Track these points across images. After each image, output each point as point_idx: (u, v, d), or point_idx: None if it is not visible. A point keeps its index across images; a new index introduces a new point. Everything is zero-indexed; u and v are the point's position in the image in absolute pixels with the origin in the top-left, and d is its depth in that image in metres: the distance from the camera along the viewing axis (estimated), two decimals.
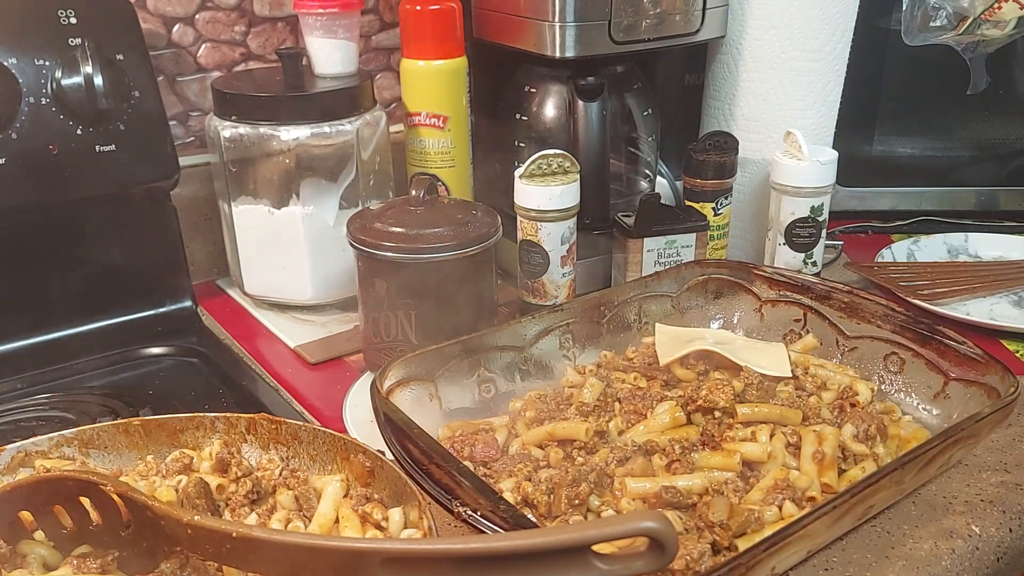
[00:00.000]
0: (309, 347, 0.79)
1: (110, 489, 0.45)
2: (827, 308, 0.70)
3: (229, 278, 0.91)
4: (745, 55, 0.87)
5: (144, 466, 0.55)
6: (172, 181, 0.81)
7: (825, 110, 0.88)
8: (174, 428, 0.56)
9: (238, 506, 0.52)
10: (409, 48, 0.85)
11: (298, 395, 0.72)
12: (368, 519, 0.50)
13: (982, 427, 0.54)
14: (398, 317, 0.70)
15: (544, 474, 0.55)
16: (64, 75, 0.72)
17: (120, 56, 0.75)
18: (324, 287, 0.85)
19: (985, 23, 0.83)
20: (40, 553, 0.48)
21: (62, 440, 0.55)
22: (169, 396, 0.72)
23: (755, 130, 0.89)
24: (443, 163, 0.88)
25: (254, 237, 0.84)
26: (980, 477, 0.60)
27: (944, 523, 0.56)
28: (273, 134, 0.79)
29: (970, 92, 0.90)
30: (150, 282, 0.83)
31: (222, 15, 0.90)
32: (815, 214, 0.83)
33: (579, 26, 0.78)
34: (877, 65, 0.97)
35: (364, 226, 0.71)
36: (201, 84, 0.90)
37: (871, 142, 1.02)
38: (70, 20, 0.73)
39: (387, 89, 1.01)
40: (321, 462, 0.55)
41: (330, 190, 0.83)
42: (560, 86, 0.85)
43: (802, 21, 0.84)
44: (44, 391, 0.72)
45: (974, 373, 0.60)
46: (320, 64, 0.84)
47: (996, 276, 0.88)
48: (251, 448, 0.57)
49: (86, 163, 0.74)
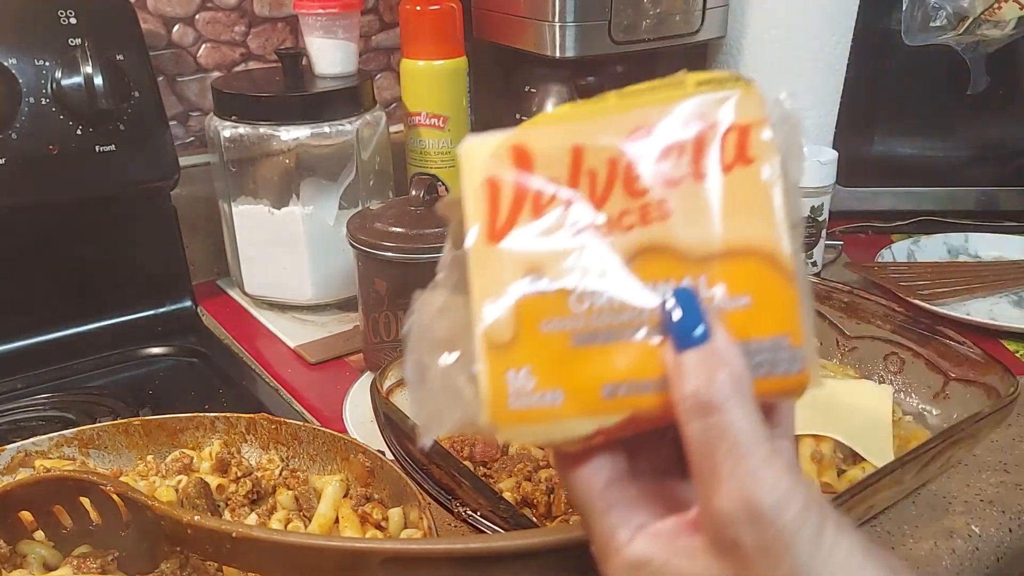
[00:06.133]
0: (309, 347, 0.79)
1: (110, 489, 0.45)
2: (827, 308, 0.70)
3: (229, 278, 0.91)
4: (745, 55, 0.87)
5: (144, 466, 0.55)
6: (172, 181, 0.81)
7: (825, 110, 0.88)
8: (174, 428, 0.56)
9: (238, 506, 0.52)
10: (409, 48, 0.85)
11: (298, 395, 0.72)
12: (368, 519, 0.50)
13: (982, 427, 0.54)
14: (398, 317, 0.70)
15: (544, 474, 0.55)
16: (64, 75, 0.72)
17: (120, 56, 0.75)
18: (324, 287, 0.85)
19: (985, 23, 0.83)
20: (40, 553, 0.48)
21: (62, 440, 0.55)
22: (169, 396, 0.71)
23: None
24: (443, 163, 0.88)
25: (254, 237, 0.84)
26: (980, 477, 0.60)
27: (944, 523, 0.55)
28: (273, 134, 0.79)
29: (970, 92, 0.89)
30: (150, 282, 0.83)
31: (222, 15, 0.90)
32: (815, 214, 0.83)
33: (579, 26, 0.78)
34: (877, 65, 0.96)
35: (364, 226, 0.71)
36: (201, 84, 0.90)
37: (871, 142, 1.01)
38: (70, 20, 0.73)
39: (387, 89, 1.01)
40: (321, 462, 0.55)
41: (330, 190, 0.82)
42: (560, 86, 0.85)
43: (802, 21, 0.84)
44: (44, 391, 0.72)
45: (974, 373, 0.60)
46: (320, 64, 0.84)
47: (996, 276, 0.88)
48: (251, 448, 0.57)
49: (86, 163, 0.74)
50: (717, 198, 0.30)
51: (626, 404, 0.29)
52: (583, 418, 0.29)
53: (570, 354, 0.29)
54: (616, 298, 0.29)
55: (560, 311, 0.29)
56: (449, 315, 0.31)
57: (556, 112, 0.31)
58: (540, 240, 0.30)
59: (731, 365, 0.28)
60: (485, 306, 0.29)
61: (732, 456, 0.27)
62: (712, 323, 0.29)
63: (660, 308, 0.29)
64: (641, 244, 0.30)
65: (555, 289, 0.29)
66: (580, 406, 0.29)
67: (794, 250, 0.30)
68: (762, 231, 0.29)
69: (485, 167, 0.31)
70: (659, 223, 0.30)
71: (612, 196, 0.30)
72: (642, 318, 0.29)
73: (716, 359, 0.28)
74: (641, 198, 0.30)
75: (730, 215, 0.30)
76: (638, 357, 0.29)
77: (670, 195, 0.30)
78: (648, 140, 0.30)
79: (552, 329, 0.29)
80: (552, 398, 0.29)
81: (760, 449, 0.27)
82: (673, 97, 0.31)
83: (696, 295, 0.29)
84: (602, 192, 0.30)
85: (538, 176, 0.30)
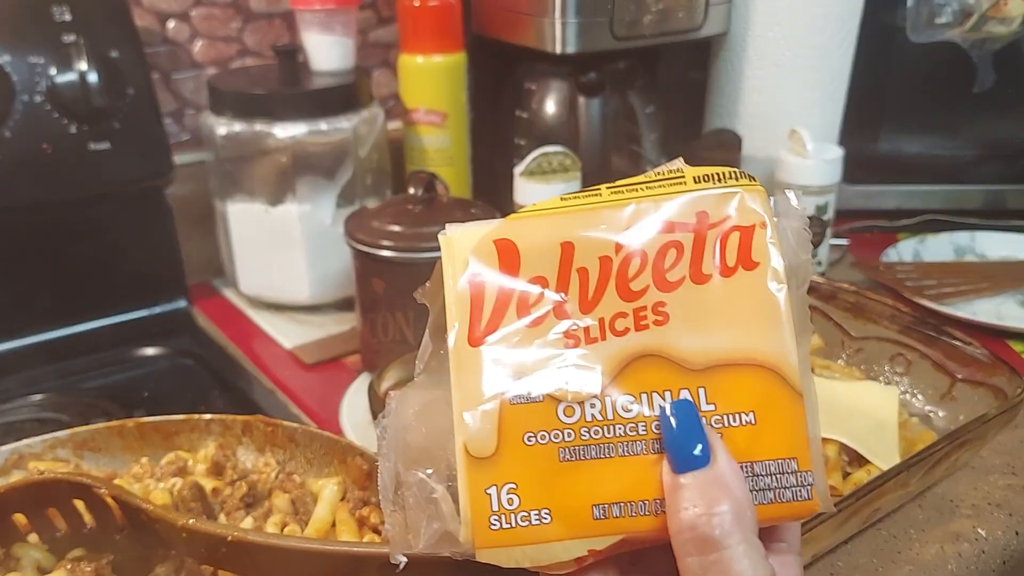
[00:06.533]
0: (305, 348, 0.79)
1: (104, 492, 0.45)
2: (832, 308, 0.69)
3: (224, 278, 0.90)
4: (749, 51, 0.86)
5: (139, 468, 0.54)
6: (167, 179, 0.80)
7: (830, 107, 0.87)
8: (169, 430, 0.56)
9: (233, 509, 0.52)
10: (407, 43, 0.85)
11: (294, 397, 0.71)
12: (365, 523, 0.50)
13: (989, 429, 0.54)
14: (396, 317, 0.69)
15: None
16: (58, 73, 0.71)
17: (114, 53, 0.74)
18: (321, 287, 0.84)
19: (991, 20, 0.83)
20: (34, 556, 0.47)
21: (56, 442, 0.54)
22: (164, 398, 0.71)
23: (759, 127, 0.88)
24: (441, 161, 0.87)
25: (250, 236, 0.83)
26: (987, 480, 0.59)
27: (950, 526, 0.55)
28: (269, 132, 0.78)
29: (977, 90, 0.89)
30: (144, 282, 0.83)
31: (218, 11, 0.89)
32: (820, 213, 0.82)
33: (581, 22, 0.77)
34: (883, 62, 0.96)
35: (361, 225, 0.70)
36: (196, 81, 0.89)
37: (877, 139, 1.01)
38: (64, 17, 0.72)
39: (384, 86, 1.01)
40: (318, 465, 0.54)
41: (327, 188, 0.82)
42: (561, 82, 0.84)
43: (806, 17, 0.83)
44: (37, 392, 0.71)
45: (981, 374, 0.59)
46: (317, 60, 0.84)
47: (1003, 276, 0.88)
48: (247, 451, 0.56)
49: (80, 161, 0.73)
50: (718, 304, 0.28)
51: (619, 526, 0.27)
52: (572, 540, 0.27)
53: (558, 470, 0.27)
54: (608, 410, 0.27)
55: (546, 423, 0.27)
56: (427, 419, 0.29)
57: (544, 204, 0.30)
58: (525, 345, 0.28)
59: (734, 494, 0.26)
60: (465, 415, 0.28)
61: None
62: (713, 442, 0.27)
63: (656, 423, 0.27)
64: (636, 350, 0.28)
65: (541, 398, 0.28)
66: (569, 528, 0.27)
67: (801, 362, 0.28)
68: (767, 341, 0.28)
69: (467, 261, 0.29)
70: (655, 328, 0.28)
71: (604, 297, 0.28)
72: (636, 433, 0.27)
73: (717, 486, 0.26)
74: (636, 300, 0.28)
75: (732, 323, 0.28)
76: (632, 476, 0.27)
77: (667, 299, 0.28)
78: (643, 238, 0.28)
79: (538, 442, 0.27)
80: (538, 519, 0.27)
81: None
82: (670, 192, 0.29)
83: (695, 410, 0.27)
84: (594, 293, 0.28)
85: (524, 274, 0.29)
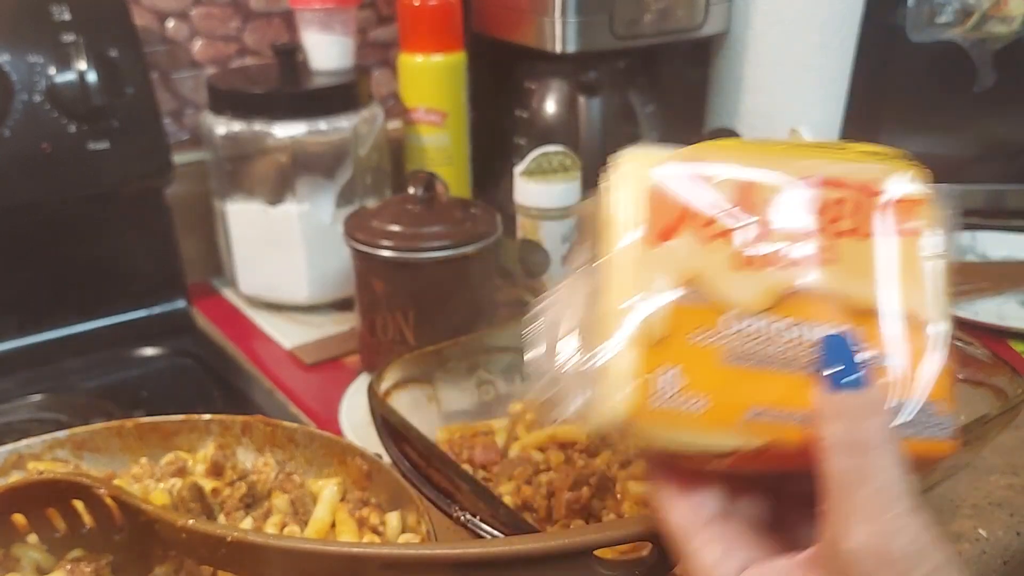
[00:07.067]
0: (305, 348, 0.78)
1: (103, 492, 0.45)
2: None
3: (224, 278, 0.90)
4: (749, 50, 0.86)
5: (138, 469, 0.54)
6: (166, 179, 0.80)
7: (831, 106, 0.87)
8: (168, 430, 0.56)
9: (233, 510, 0.52)
10: (407, 42, 0.84)
11: (294, 397, 0.71)
12: (365, 523, 0.49)
13: (990, 429, 0.53)
14: (395, 317, 0.69)
15: (544, 477, 0.54)
16: (57, 72, 0.71)
17: (114, 52, 0.74)
18: (320, 287, 0.84)
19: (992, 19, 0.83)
20: (33, 557, 0.47)
21: (55, 442, 0.54)
22: (163, 398, 0.71)
23: (760, 126, 0.88)
24: (441, 160, 0.87)
25: (249, 236, 0.83)
26: (988, 480, 0.59)
27: (951, 526, 0.55)
28: (268, 131, 0.78)
29: (977, 89, 0.89)
30: (144, 282, 0.83)
31: (217, 10, 0.89)
32: None
33: (581, 21, 0.77)
34: (883, 61, 0.96)
35: (361, 224, 0.70)
36: (195, 80, 0.89)
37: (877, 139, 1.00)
38: (63, 16, 0.72)
39: (384, 85, 1.00)
40: (317, 465, 0.54)
41: (326, 188, 0.82)
42: (561, 82, 0.84)
43: (807, 16, 0.83)
44: (36, 392, 0.71)
45: (982, 374, 0.59)
46: (316, 60, 0.84)
47: (1004, 276, 0.87)
48: (246, 451, 0.56)
49: (79, 161, 0.73)
50: (881, 260, 0.31)
51: (768, 430, 0.29)
52: (724, 433, 0.29)
53: (718, 368, 0.29)
54: (771, 328, 0.30)
55: (711, 327, 0.29)
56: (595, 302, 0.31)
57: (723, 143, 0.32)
58: (700, 255, 0.30)
59: (883, 416, 0.29)
60: (641, 302, 0.29)
61: (876, 500, 0.27)
62: (867, 373, 0.29)
63: (816, 346, 0.29)
64: (801, 283, 0.30)
65: (708, 305, 0.30)
66: (723, 420, 0.29)
67: (948, 325, 0.31)
68: (922, 302, 0.31)
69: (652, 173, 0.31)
70: (823, 267, 0.30)
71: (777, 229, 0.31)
72: (796, 352, 0.29)
73: (869, 406, 0.29)
74: (807, 240, 0.31)
75: (892, 279, 0.31)
76: (787, 387, 0.29)
77: (836, 244, 0.31)
78: (818, 189, 0.31)
79: (702, 341, 0.29)
80: (696, 405, 0.29)
81: (906, 500, 0.27)
82: (840, 157, 0.32)
83: (853, 342, 0.30)
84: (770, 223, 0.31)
85: (707, 194, 0.31)
